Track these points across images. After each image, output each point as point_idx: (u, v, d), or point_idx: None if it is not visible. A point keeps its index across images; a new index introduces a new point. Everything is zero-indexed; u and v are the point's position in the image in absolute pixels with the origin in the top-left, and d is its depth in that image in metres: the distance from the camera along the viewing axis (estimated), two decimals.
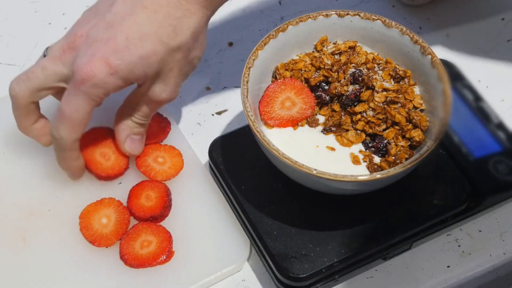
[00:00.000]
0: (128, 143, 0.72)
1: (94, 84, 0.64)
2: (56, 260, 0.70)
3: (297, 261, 0.66)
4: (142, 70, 0.65)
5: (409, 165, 0.62)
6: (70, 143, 0.67)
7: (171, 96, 0.69)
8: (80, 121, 0.66)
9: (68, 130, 0.66)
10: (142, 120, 0.71)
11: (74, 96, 0.65)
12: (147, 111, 0.71)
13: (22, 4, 0.90)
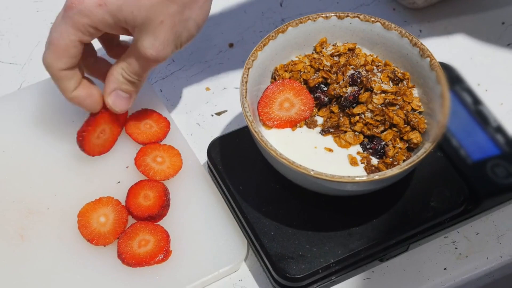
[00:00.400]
0: (112, 97, 0.70)
1: (80, 11, 0.63)
2: (54, 258, 0.70)
3: (293, 261, 0.66)
4: (131, 11, 0.63)
5: (406, 167, 0.62)
6: (56, 72, 0.67)
7: (159, 54, 0.66)
8: (64, 48, 0.65)
9: (52, 56, 0.66)
10: (131, 77, 0.69)
11: (60, 22, 0.65)
12: (137, 68, 0.68)
13: (25, 3, 0.90)
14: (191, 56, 0.86)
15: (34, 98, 0.80)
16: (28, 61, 0.85)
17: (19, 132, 0.77)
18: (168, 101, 0.82)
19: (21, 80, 0.84)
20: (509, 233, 0.73)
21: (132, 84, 0.70)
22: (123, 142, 0.77)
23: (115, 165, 0.75)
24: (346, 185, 0.63)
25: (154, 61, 0.67)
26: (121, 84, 0.69)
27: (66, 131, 0.77)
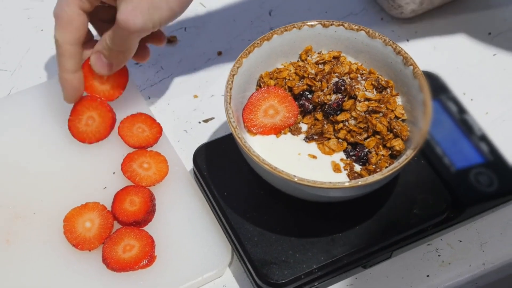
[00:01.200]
0: (94, 57, 0.72)
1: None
2: (39, 263, 0.70)
3: (276, 267, 0.67)
4: None
5: (387, 173, 0.63)
6: (63, 45, 0.70)
7: (129, 20, 0.66)
8: (68, 19, 0.69)
9: (59, 29, 0.70)
10: (110, 43, 0.70)
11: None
12: (115, 36, 0.69)
13: (16, 10, 0.91)
14: (180, 63, 0.86)
15: (23, 104, 0.81)
16: (18, 67, 0.86)
17: (8, 137, 0.78)
18: (156, 108, 0.82)
19: (11, 86, 0.84)
20: (492, 241, 0.74)
21: (112, 52, 0.71)
22: (111, 148, 0.77)
23: (102, 171, 0.76)
24: (328, 191, 0.63)
25: (129, 30, 0.66)
26: (103, 49, 0.71)
27: (54, 137, 0.78)
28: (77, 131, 0.76)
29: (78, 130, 0.76)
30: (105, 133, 0.77)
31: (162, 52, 0.87)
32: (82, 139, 0.77)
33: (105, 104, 0.76)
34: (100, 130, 0.77)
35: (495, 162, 0.75)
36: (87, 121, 0.76)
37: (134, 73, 0.85)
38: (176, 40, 0.88)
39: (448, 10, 0.90)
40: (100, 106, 0.76)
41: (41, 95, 0.81)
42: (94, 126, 0.76)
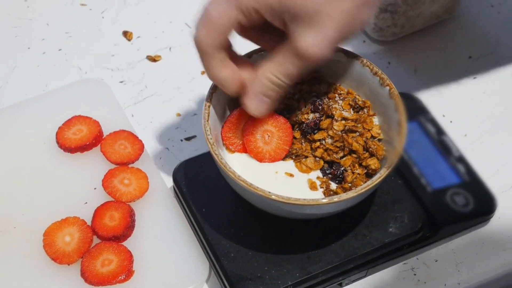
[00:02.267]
0: (253, 100, 0.66)
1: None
2: (18, 276, 0.71)
3: (252, 282, 0.68)
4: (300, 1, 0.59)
5: (361, 191, 0.64)
6: (207, 48, 0.64)
7: (320, 51, 0.61)
8: (220, 26, 0.62)
9: (206, 32, 0.63)
10: (280, 79, 0.64)
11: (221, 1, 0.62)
12: (288, 67, 0.63)
13: (4, 28, 0.93)
14: (164, 82, 0.88)
15: (7, 120, 0.82)
16: (3, 84, 0.87)
17: None
18: (139, 126, 0.83)
19: None
20: (468, 261, 0.75)
21: (279, 87, 0.65)
22: (93, 164, 0.78)
23: (84, 186, 0.77)
24: (302, 207, 0.64)
25: (312, 60, 0.62)
26: (266, 88, 0.65)
27: (37, 153, 0.79)
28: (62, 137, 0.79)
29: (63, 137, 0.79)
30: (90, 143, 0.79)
31: (147, 71, 0.89)
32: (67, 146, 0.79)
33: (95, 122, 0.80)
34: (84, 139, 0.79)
35: (471, 183, 0.76)
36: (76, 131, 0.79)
37: (118, 91, 0.86)
38: (160, 59, 0.89)
39: (430, 34, 0.92)
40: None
41: (25, 111, 0.82)
42: (80, 136, 0.79)
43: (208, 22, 0.63)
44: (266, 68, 0.64)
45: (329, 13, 0.60)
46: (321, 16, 0.60)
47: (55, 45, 0.91)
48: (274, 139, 0.70)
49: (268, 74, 0.64)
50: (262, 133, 0.70)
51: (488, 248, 0.75)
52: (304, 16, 0.60)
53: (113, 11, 0.94)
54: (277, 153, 0.70)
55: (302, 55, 0.62)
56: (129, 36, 0.92)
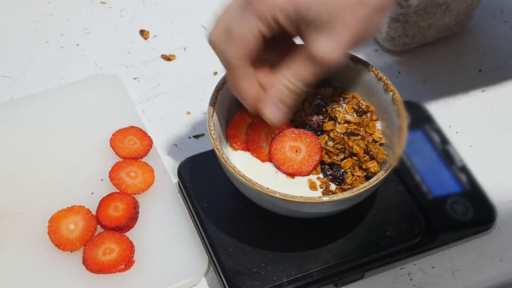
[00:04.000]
0: (269, 107, 0.66)
1: (265, 1, 0.61)
2: (22, 260, 0.73)
3: (248, 277, 0.69)
4: (316, 9, 0.61)
5: (357, 192, 0.65)
6: (230, 59, 0.64)
7: (334, 56, 0.62)
8: (243, 37, 0.63)
9: (230, 44, 0.64)
10: (293, 84, 0.65)
11: (243, 13, 0.63)
12: (302, 72, 0.64)
13: (25, 22, 0.95)
14: (177, 81, 0.89)
15: (22, 109, 0.84)
16: (21, 76, 0.89)
17: (4, 140, 0.81)
18: (150, 122, 0.85)
19: (12, 93, 0.88)
20: (464, 269, 0.75)
21: (295, 94, 0.66)
22: (102, 157, 0.80)
23: (91, 177, 0.79)
24: (299, 205, 0.65)
25: (326, 65, 0.63)
26: (283, 95, 0.66)
27: (48, 143, 0.81)
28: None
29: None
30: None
31: (161, 69, 0.90)
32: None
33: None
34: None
35: (472, 192, 0.77)
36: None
37: (131, 87, 0.88)
38: (175, 59, 0.91)
39: (441, 46, 0.93)
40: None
41: (39, 102, 0.85)
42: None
43: (231, 34, 0.63)
44: (282, 75, 0.65)
45: (344, 20, 0.61)
46: (336, 23, 0.61)
47: (73, 41, 0.93)
48: None
49: (284, 80, 0.65)
50: (265, 134, 0.71)
51: (486, 257, 0.76)
52: (319, 23, 0.61)
53: (132, 11, 0.96)
54: None
55: (317, 61, 0.63)
56: (145, 35, 0.94)
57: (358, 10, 0.61)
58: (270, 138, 0.71)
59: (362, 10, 0.61)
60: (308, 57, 0.63)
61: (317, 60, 0.63)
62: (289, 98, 0.66)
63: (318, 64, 0.63)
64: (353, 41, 0.62)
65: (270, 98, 0.66)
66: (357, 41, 0.63)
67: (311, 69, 0.64)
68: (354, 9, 0.61)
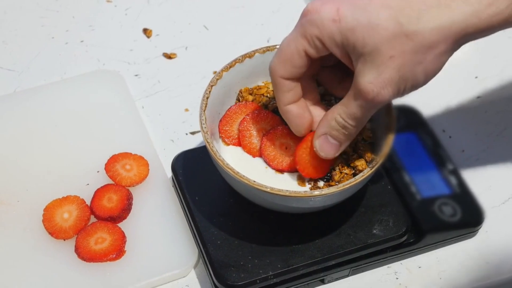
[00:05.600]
0: (319, 141, 0.67)
1: (312, 21, 0.61)
2: (15, 246, 0.75)
3: (234, 269, 0.70)
4: (363, 36, 0.59)
5: (343, 188, 0.66)
6: (277, 78, 0.65)
7: (379, 92, 0.60)
8: (288, 55, 0.63)
9: (277, 61, 0.64)
10: (345, 121, 0.64)
11: (293, 30, 0.64)
12: (353, 109, 0.63)
13: (32, 17, 0.97)
14: (177, 79, 0.91)
15: (25, 101, 0.86)
16: (25, 69, 0.91)
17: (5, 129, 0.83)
18: (148, 117, 0.87)
19: (16, 86, 0.90)
20: (451, 270, 0.76)
21: (345, 129, 0.65)
22: (100, 149, 0.82)
23: (88, 169, 0.81)
24: (286, 199, 0.66)
25: (370, 100, 0.61)
26: (332, 129, 0.65)
27: (47, 134, 0.83)
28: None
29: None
30: None
31: (162, 67, 0.92)
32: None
33: None
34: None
35: (461, 195, 0.78)
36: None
37: (132, 83, 0.90)
38: (176, 57, 0.93)
39: None
40: None
41: (41, 95, 0.87)
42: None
43: (279, 50, 0.64)
44: (334, 110, 0.65)
45: (391, 53, 0.59)
46: (383, 55, 0.59)
47: (77, 37, 0.95)
48: None
49: (335, 115, 0.65)
50: (257, 129, 0.73)
51: (472, 259, 0.77)
52: (367, 54, 0.59)
53: (136, 9, 0.98)
54: None
55: (362, 94, 0.61)
56: (148, 33, 0.95)
57: (404, 43, 0.59)
58: (261, 134, 0.72)
59: (409, 45, 0.59)
60: (356, 92, 0.62)
61: (361, 93, 0.61)
62: (339, 133, 0.65)
63: (365, 98, 0.61)
64: (398, 78, 0.60)
65: (320, 132, 0.67)
66: (403, 80, 0.60)
67: (359, 104, 0.62)
68: (400, 41, 0.59)
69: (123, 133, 0.84)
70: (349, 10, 0.60)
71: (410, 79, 0.61)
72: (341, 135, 0.66)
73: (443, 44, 0.60)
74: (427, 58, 0.60)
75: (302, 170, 0.70)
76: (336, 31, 0.60)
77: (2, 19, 0.96)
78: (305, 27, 0.62)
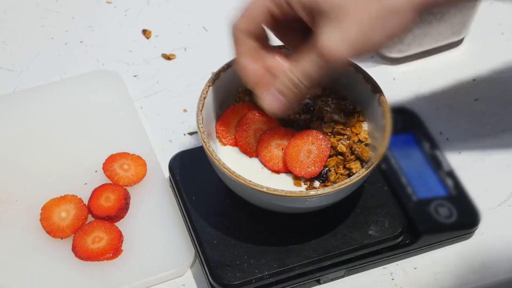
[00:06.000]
0: (268, 95, 0.65)
1: None
2: (13, 245, 0.75)
3: (230, 269, 0.71)
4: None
5: (338, 188, 0.66)
6: (236, 32, 0.65)
7: (340, 51, 0.60)
8: (250, 10, 0.64)
9: (239, 17, 0.64)
10: (296, 77, 0.63)
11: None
12: (307, 67, 0.62)
13: (32, 18, 0.97)
14: (176, 79, 0.92)
15: (24, 101, 0.86)
16: (25, 69, 0.92)
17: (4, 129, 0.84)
18: (146, 118, 0.87)
19: (16, 86, 0.90)
20: (446, 271, 0.76)
21: (296, 87, 0.63)
22: (98, 148, 0.82)
23: (86, 168, 0.81)
24: (281, 199, 0.67)
25: (329, 59, 0.60)
26: (283, 86, 0.64)
27: (46, 134, 0.83)
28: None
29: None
30: None
31: (161, 67, 0.93)
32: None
33: None
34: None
35: (457, 197, 0.79)
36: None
37: (131, 84, 0.90)
38: (175, 58, 0.93)
39: (436, 54, 0.94)
40: None
41: (40, 95, 0.87)
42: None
43: (243, 9, 0.64)
44: (287, 66, 0.65)
45: (355, 13, 0.59)
46: (347, 14, 0.59)
47: (77, 37, 0.96)
48: None
49: (288, 72, 0.64)
50: (254, 130, 0.73)
51: (468, 261, 0.77)
52: (331, 13, 0.59)
53: (136, 10, 0.99)
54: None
55: (322, 54, 0.60)
56: (147, 34, 0.96)
57: (371, 5, 0.59)
58: (258, 135, 0.73)
59: (375, 6, 0.59)
60: (315, 50, 0.61)
61: (322, 53, 0.60)
62: (290, 91, 0.64)
63: (325, 58, 0.60)
64: (361, 38, 0.60)
65: (271, 86, 0.65)
66: (365, 41, 0.60)
67: (316, 63, 0.61)
68: (368, 4, 0.59)
69: (122, 133, 0.84)
70: None
71: (370, 41, 0.60)
72: (290, 92, 0.64)
73: (407, 10, 0.60)
74: (391, 22, 0.60)
75: (292, 168, 0.71)
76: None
77: (2, 19, 0.97)
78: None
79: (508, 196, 0.82)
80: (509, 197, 0.82)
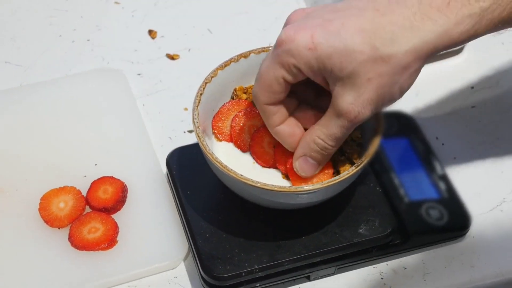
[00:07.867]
0: (299, 162, 0.69)
1: (288, 50, 0.63)
2: (11, 233, 0.77)
3: (220, 262, 0.72)
4: (340, 61, 0.61)
5: (327, 184, 0.68)
6: (261, 105, 0.68)
7: (359, 112, 0.63)
8: (268, 83, 0.65)
9: (258, 89, 0.67)
10: (325, 142, 0.67)
11: (269, 57, 0.65)
12: (333, 130, 0.65)
13: (41, 16, 1.00)
14: (178, 79, 0.93)
15: (29, 95, 0.89)
16: (32, 65, 0.94)
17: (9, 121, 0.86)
18: (148, 115, 0.89)
19: (22, 80, 0.92)
20: (435, 272, 0.77)
21: (325, 150, 0.68)
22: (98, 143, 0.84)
23: (86, 161, 0.83)
24: (270, 193, 0.68)
25: (352, 120, 0.64)
26: (311, 151, 0.68)
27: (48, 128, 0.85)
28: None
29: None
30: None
31: (164, 67, 0.95)
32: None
33: None
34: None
35: (449, 200, 0.80)
36: None
37: (134, 82, 0.92)
38: (178, 58, 0.95)
39: (435, 61, 0.95)
40: None
41: (45, 90, 0.89)
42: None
43: (259, 78, 0.67)
44: (312, 131, 0.67)
45: (366, 74, 0.61)
46: (361, 78, 0.62)
47: (84, 36, 0.98)
48: None
49: (314, 136, 0.67)
50: (248, 126, 0.75)
51: (457, 263, 0.78)
52: (345, 78, 0.62)
53: (143, 12, 1.01)
54: None
55: (343, 115, 0.64)
56: (153, 34, 0.98)
57: (380, 65, 0.61)
58: (252, 131, 0.74)
59: (385, 68, 0.61)
60: (335, 113, 0.64)
61: (342, 115, 0.64)
62: (319, 154, 0.68)
63: (345, 119, 0.64)
64: (377, 98, 0.63)
65: (299, 153, 0.69)
66: (381, 99, 0.63)
67: (339, 124, 0.65)
68: (377, 64, 0.61)
69: (123, 129, 0.86)
70: (323, 36, 0.61)
71: (387, 97, 0.64)
72: (320, 155, 0.68)
73: (416, 63, 0.63)
74: (402, 77, 0.63)
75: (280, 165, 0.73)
76: (313, 59, 0.62)
77: (12, 17, 0.99)
78: (281, 57, 0.64)
79: (500, 201, 0.83)
80: (501, 202, 0.83)
